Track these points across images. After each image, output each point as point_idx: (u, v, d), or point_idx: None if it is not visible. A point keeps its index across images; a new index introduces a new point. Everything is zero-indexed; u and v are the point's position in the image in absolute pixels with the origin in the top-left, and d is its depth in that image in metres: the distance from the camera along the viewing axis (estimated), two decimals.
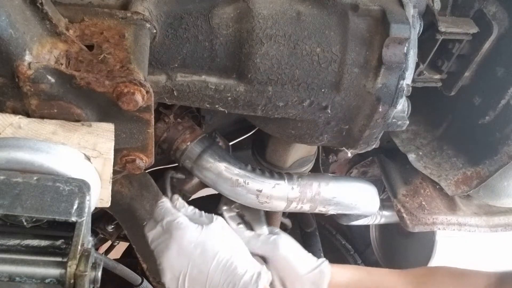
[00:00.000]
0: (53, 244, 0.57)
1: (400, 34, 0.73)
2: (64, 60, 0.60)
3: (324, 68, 0.76)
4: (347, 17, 0.75)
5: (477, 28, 0.90)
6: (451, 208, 1.16)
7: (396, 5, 0.76)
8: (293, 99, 0.79)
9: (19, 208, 0.54)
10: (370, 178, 1.32)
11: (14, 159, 0.57)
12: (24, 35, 0.55)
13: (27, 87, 0.57)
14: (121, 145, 0.67)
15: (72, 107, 0.61)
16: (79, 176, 0.60)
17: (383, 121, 0.82)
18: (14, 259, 0.55)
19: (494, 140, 0.99)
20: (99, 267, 0.56)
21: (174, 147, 0.95)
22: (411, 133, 1.15)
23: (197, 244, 0.80)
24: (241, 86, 0.77)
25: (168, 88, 0.76)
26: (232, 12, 0.73)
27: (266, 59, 0.74)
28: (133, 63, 0.61)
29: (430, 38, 0.90)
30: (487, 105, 0.97)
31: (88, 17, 0.65)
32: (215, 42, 0.74)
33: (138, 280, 0.97)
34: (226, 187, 0.96)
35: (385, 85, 0.77)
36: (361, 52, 0.76)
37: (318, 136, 0.86)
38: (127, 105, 0.59)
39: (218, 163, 0.94)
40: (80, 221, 0.56)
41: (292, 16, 0.74)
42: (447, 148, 1.11)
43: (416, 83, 0.96)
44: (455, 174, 1.07)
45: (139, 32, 0.66)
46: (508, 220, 1.21)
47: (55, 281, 0.54)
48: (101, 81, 0.58)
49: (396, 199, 1.14)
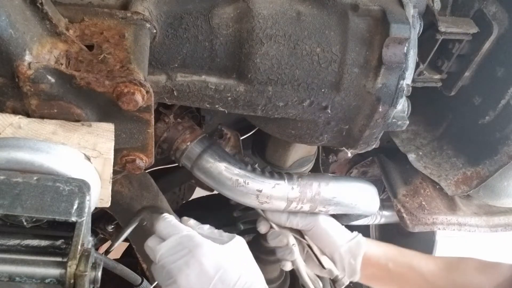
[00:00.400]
0: (53, 244, 0.57)
1: (400, 34, 0.73)
2: (64, 60, 0.60)
3: (324, 68, 0.76)
4: (347, 17, 0.75)
5: (477, 28, 0.90)
6: (451, 208, 1.16)
7: (396, 5, 0.76)
8: (293, 99, 0.79)
9: (19, 208, 0.54)
10: (370, 178, 1.32)
11: (14, 159, 0.57)
12: (24, 35, 0.55)
13: (27, 87, 0.57)
14: (121, 145, 0.67)
15: (72, 107, 0.61)
16: (79, 176, 0.60)
17: (383, 121, 0.82)
18: (14, 259, 0.55)
19: (494, 140, 0.99)
20: (99, 267, 0.56)
21: (174, 147, 0.95)
22: (411, 133, 1.15)
23: (219, 264, 0.75)
24: (241, 86, 0.77)
25: (168, 88, 0.76)
26: (232, 12, 0.73)
27: (266, 59, 0.74)
28: (133, 63, 0.61)
29: (430, 38, 0.90)
30: (487, 105, 0.98)
31: (88, 17, 0.65)
32: (215, 42, 0.74)
33: (138, 280, 0.97)
34: (226, 187, 0.95)
35: (385, 85, 0.77)
36: (361, 52, 0.76)
37: (318, 136, 0.86)
38: (127, 105, 0.59)
39: (218, 163, 0.94)
40: (80, 221, 0.56)
41: (292, 16, 0.74)
42: (447, 148, 1.11)
43: (416, 83, 0.96)
44: (455, 174, 1.07)
45: (139, 32, 0.66)
46: (508, 220, 1.21)
47: (55, 281, 0.54)
48: (101, 81, 0.58)
49: (396, 199, 1.14)
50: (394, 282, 0.97)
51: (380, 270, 0.85)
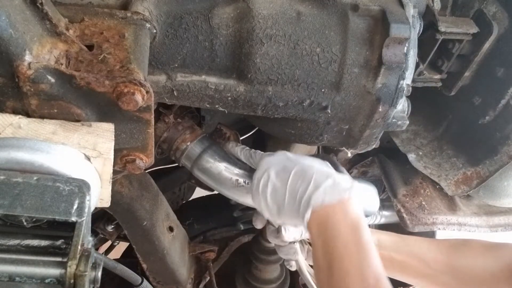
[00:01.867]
0: (53, 244, 0.57)
1: (400, 34, 0.73)
2: (64, 60, 0.60)
3: (324, 68, 0.76)
4: (347, 17, 0.75)
5: (477, 28, 0.90)
6: (451, 208, 1.16)
7: (396, 5, 0.76)
8: (293, 99, 0.79)
9: (19, 208, 0.54)
10: (370, 178, 1.32)
11: (14, 159, 0.57)
12: (24, 35, 0.55)
13: (27, 87, 0.57)
14: (121, 145, 0.67)
15: (72, 107, 0.61)
16: (79, 176, 0.60)
17: (383, 121, 0.82)
18: (14, 259, 0.55)
19: (494, 140, 0.99)
20: (99, 267, 0.56)
21: (174, 147, 0.95)
22: (411, 133, 1.15)
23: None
24: (241, 86, 0.77)
25: (168, 88, 0.76)
26: (232, 12, 0.73)
27: (266, 59, 0.74)
28: (133, 63, 0.61)
29: (430, 38, 0.90)
30: (487, 105, 0.98)
31: (88, 17, 0.65)
32: (215, 42, 0.74)
33: (138, 280, 0.97)
34: (226, 187, 0.95)
35: (385, 85, 0.77)
36: (361, 52, 0.76)
37: (318, 136, 0.86)
38: (127, 105, 0.59)
39: (218, 163, 0.94)
40: (80, 221, 0.56)
41: (292, 16, 0.74)
42: (447, 148, 1.11)
43: (416, 83, 0.96)
44: (455, 174, 1.08)
45: (139, 32, 0.66)
46: (508, 220, 1.21)
47: (55, 281, 0.54)
48: (101, 81, 0.58)
49: (396, 199, 1.14)
50: (396, 270, 0.97)
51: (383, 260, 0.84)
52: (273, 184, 0.82)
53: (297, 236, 0.96)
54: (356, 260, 0.71)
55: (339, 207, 0.76)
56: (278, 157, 0.86)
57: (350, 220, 0.75)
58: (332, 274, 0.71)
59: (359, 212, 0.77)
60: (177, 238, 1.15)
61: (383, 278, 0.69)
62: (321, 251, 0.75)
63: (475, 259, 0.90)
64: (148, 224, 1.01)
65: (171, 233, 1.12)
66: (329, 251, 0.73)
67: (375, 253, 0.73)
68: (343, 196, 0.77)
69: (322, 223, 0.76)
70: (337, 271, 0.71)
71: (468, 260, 0.91)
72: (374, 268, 0.70)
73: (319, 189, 0.77)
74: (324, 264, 0.73)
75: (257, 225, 1.04)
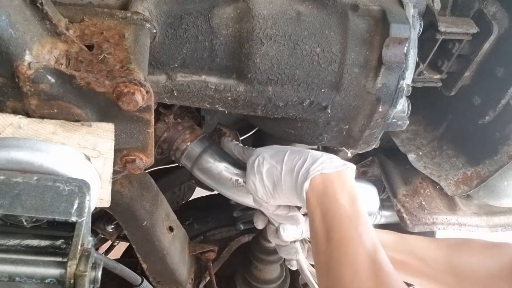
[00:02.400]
0: (53, 244, 0.57)
1: (400, 34, 0.73)
2: (64, 60, 0.60)
3: (324, 68, 0.76)
4: (347, 17, 0.75)
5: (477, 28, 0.90)
6: (451, 208, 1.16)
7: (396, 5, 0.76)
8: (293, 99, 0.79)
9: (19, 208, 0.54)
10: (370, 178, 1.32)
11: (14, 159, 0.57)
12: (24, 35, 0.55)
13: (27, 87, 0.57)
14: (121, 145, 0.67)
15: (72, 107, 0.61)
16: (79, 176, 0.60)
17: (383, 121, 0.82)
18: (14, 259, 0.55)
19: (494, 140, 0.99)
20: (99, 267, 0.56)
21: (174, 147, 0.95)
22: (411, 133, 1.15)
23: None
24: (241, 86, 0.77)
25: (168, 88, 0.76)
26: (232, 12, 0.73)
27: (266, 59, 0.74)
28: (133, 63, 0.61)
29: (430, 38, 0.90)
30: (487, 105, 0.98)
31: (88, 17, 0.65)
32: (215, 42, 0.74)
33: (138, 280, 0.97)
34: (226, 187, 0.95)
35: (385, 85, 0.77)
36: (361, 52, 0.76)
37: (318, 136, 0.86)
38: (127, 105, 0.59)
39: (218, 163, 0.94)
40: (80, 221, 0.56)
41: (292, 16, 0.74)
42: (447, 148, 1.11)
43: (416, 83, 0.96)
44: (455, 174, 1.08)
45: (139, 32, 0.66)
46: (508, 220, 1.21)
47: (55, 281, 0.54)
48: (101, 81, 0.58)
49: (396, 199, 1.14)
50: (396, 269, 0.97)
51: None
52: (269, 163, 0.84)
53: (297, 236, 0.96)
54: (355, 227, 0.73)
55: (336, 177, 0.79)
56: (270, 147, 0.89)
57: (348, 190, 0.78)
58: (331, 239, 0.73)
59: (355, 185, 0.80)
60: (177, 238, 1.15)
61: (379, 245, 0.71)
62: (320, 218, 0.76)
63: (475, 258, 0.90)
64: (148, 224, 1.01)
65: (171, 233, 1.12)
66: (329, 217, 0.75)
67: (370, 223, 0.76)
68: (340, 168, 0.80)
69: (321, 192, 0.78)
70: (337, 236, 0.72)
71: (468, 259, 0.91)
72: (371, 235, 0.72)
73: (316, 161, 0.80)
74: (323, 231, 0.75)
75: (258, 225, 1.04)
